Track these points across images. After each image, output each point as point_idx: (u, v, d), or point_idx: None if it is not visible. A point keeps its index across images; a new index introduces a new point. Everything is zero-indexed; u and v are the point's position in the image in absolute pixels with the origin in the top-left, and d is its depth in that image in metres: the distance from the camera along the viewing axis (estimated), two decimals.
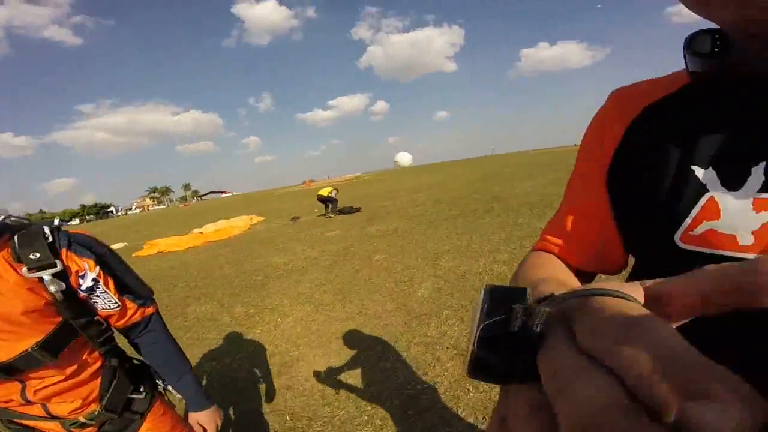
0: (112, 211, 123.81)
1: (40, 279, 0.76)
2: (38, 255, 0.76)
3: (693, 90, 0.38)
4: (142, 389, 0.99)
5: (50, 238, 0.80)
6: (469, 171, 22.78)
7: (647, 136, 0.39)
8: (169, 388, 1.03)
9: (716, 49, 0.34)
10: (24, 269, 0.75)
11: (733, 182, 0.33)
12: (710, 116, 0.35)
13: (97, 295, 0.86)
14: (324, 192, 10.77)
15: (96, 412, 0.93)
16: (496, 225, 5.79)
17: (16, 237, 0.78)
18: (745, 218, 0.32)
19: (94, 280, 0.84)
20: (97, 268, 0.85)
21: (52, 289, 0.77)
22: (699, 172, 0.35)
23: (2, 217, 0.82)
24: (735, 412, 0.11)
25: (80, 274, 0.83)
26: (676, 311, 0.17)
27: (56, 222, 0.87)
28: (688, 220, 0.35)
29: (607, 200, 0.43)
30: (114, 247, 0.97)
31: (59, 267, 0.78)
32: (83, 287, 0.83)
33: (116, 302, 0.89)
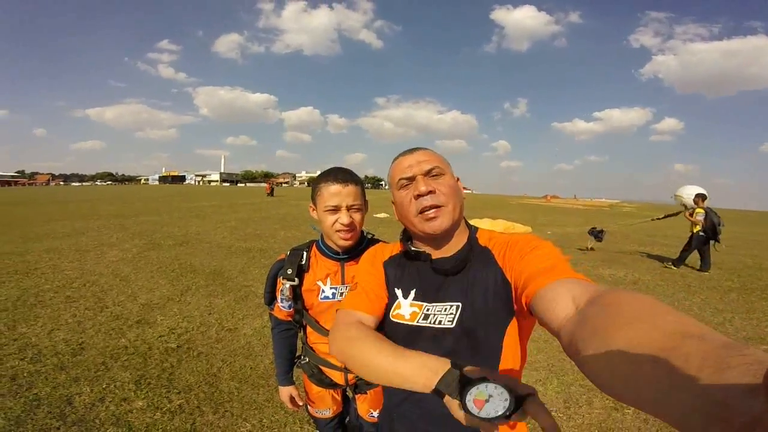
0: (382, 183, 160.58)
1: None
2: None
3: (401, 255, 0.91)
4: None
5: None
6: None
7: (388, 271, 0.90)
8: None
9: (409, 242, 0.89)
10: None
11: (405, 296, 0.84)
12: (404, 269, 0.88)
13: None
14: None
15: None
16: None
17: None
18: (408, 309, 0.82)
19: None
20: None
21: None
22: (397, 291, 0.86)
23: (370, 235, 1.21)
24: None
25: None
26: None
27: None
28: (392, 308, 0.85)
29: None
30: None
31: None
32: None
33: None
